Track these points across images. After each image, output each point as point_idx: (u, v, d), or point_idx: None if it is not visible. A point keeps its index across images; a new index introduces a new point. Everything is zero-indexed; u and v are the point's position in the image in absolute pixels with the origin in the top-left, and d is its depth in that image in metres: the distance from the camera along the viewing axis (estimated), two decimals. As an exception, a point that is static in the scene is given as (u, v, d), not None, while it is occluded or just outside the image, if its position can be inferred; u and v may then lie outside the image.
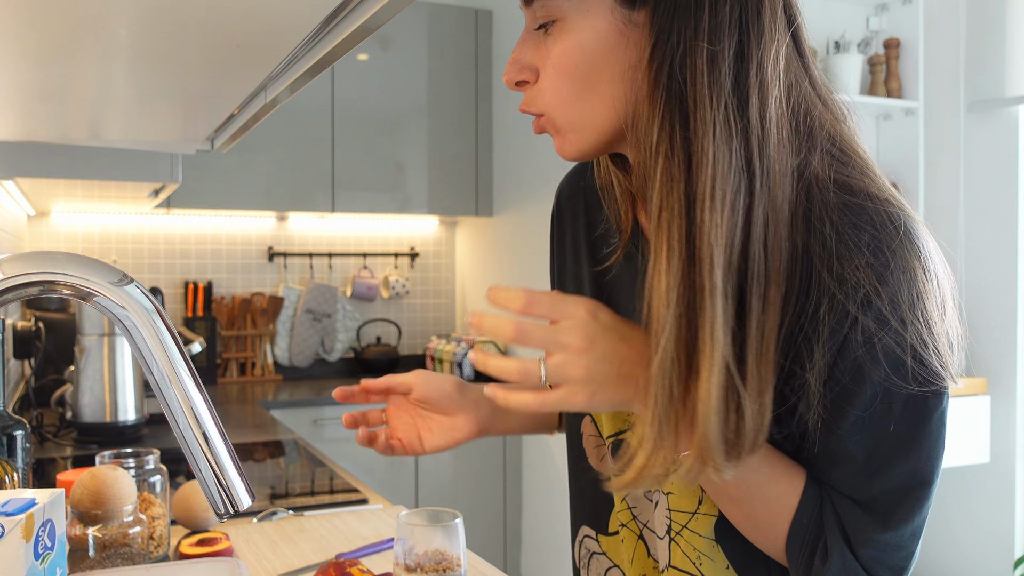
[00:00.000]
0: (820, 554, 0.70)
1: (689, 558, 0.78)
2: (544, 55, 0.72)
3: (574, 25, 0.70)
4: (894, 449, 0.70)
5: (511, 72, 0.74)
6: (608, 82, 0.71)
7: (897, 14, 3.28)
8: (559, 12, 0.70)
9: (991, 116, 3.03)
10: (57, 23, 0.62)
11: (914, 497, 0.70)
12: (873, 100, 3.16)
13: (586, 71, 0.71)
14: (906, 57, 3.23)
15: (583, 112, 0.72)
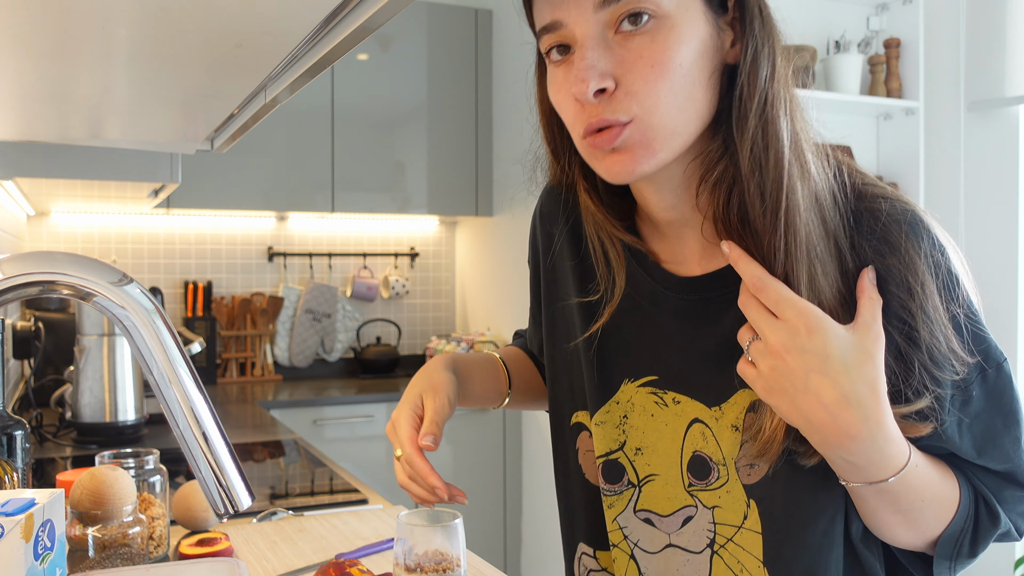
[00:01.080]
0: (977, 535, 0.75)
1: (732, 571, 0.79)
2: (629, 56, 0.68)
3: (676, 22, 0.67)
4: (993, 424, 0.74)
5: (591, 79, 0.67)
6: (702, 86, 0.69)
7: (897, 14, 3.28)
8: (657, 7, 0.67)
9: (991, 116, 3.03)
10: (57, 23, 0.62)
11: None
12: (873, 100, 3.16)
13: (687, 72, 0.68)
14: (906, 57, 3.23)
15: (681, 114, 0.69)
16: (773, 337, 0.67)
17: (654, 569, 0.83)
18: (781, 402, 0.68)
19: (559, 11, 0.69)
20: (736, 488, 0.78)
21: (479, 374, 0.98)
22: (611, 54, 0.68)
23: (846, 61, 3.15)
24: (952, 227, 3.16)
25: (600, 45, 0.68)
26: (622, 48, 0.68)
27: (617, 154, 0.70)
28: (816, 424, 0.67)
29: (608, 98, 0.68)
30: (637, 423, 0.84)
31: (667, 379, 0.82)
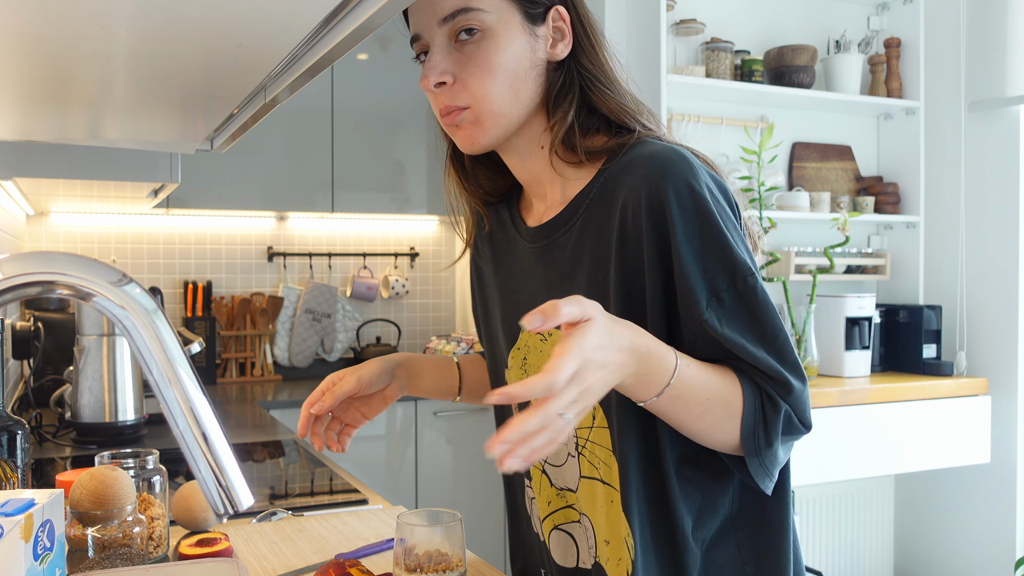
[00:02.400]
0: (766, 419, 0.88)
1: (593, 465, 0.97)
2: (464, 61, 0.92)
3: (496, 35, 0.92)
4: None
5: (435, 76, 0.92)
6: (522, 80, 0.94)
7: (898, 14, 3.28)
8: (482, 24, 0.91)
9: (991, 116, 3.03)
10: (57, 23, 0.61)
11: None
12: (874, 100, 3.16)
13: (506, 70, 0.92)
14: (907, 57, 3.23)
15: (504, 103, 0.93)
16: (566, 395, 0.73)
17: (561, 477, 1.02)
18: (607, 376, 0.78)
19: (417, 27, 0.95)
20: None
21: (430, 371, 1.20)
22: (451, 57, 0.93)
23: (846, 61, 3.15)
24: (952, 227, 3.16)
25: (443, 51, 0.93)
26: (459, 53, 0.93)
27: (460, 130, 0.95)
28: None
29: (449, 89, 0.93)
30: (533, 361, 1.04)
31: None
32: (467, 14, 0.91)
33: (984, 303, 3.06)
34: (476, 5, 0.91)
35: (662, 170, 0.88)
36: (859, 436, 2.65)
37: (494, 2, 0.92)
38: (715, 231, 0.88)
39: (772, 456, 0.88)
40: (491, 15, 0.92)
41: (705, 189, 0.89)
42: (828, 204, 3.14)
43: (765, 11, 3.19)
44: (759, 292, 0.88)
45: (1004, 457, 2.96)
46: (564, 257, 0.98)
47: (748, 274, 0.88)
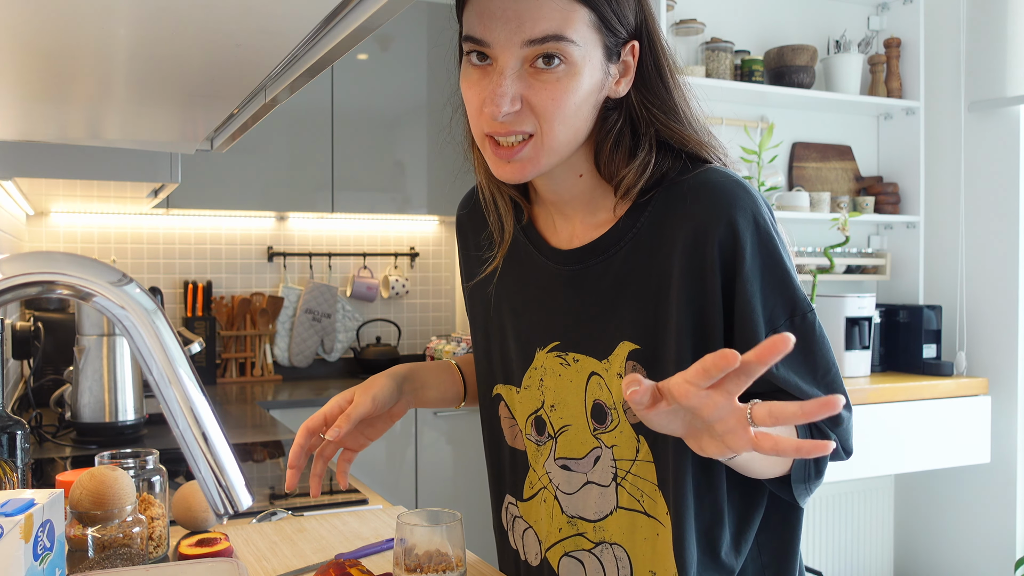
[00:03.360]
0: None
1: (634, 498, 0.95)
2: (538, 90, 0.85)
3: (578, 71, 0.85)
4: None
5: (503, 103, 0.84)
6: (586, 117, 0.89)
7: (898, 14, 3.28)
8: (568, 57, 0.84)
9: (991, 116, 3.03)
10: (57, 23, 0.61)
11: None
12: (874, 100, 3.16)
13: (577, 109, 0.87)
14: (907, 57, 3.23)
15: (567, 139, 0.88)
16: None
17: (574, 506, 1.00)
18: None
19: (490, 33, 0.84)
20: (626, 428, 0.94)
21: (434, 380, 1.16)
22: (523, 82, 0.85)
23: (846, 61, 3.14)
24: (952, 227, 3.16)
25: (516, 74, 0.85)
26: (533, 78, 0.85)
27: (510, 164, 0.89)
28: None
29: (515, 117, 0.86)
30: (550, 383, 1.01)
31: (566, 342, 0.99)
32: (558, 42, 0.83)
33: (984, 303, 3.06)
34: (570, 36, 0.84)
35: (731, 201, 0.87)
36: (859, 436, 2.65)
37: (585, 35, 0.85)
38: (780, 266, 0.87)
39: (819, 483, 0.92)
40: (579, 49, 0.85)
41: (770, 223, 0.88)
42: (828, 204, 3.14)
43: (765, 11, 3.19)
44: (816, 328, 0.88)
45: (1004, 457, 2.96)
46: (603, 284, 0.95)
47: (808, 310, 0.88)
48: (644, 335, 0.92)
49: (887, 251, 3.28)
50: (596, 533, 0.99)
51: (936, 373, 2.97)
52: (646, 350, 0.92)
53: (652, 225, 0.92)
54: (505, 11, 0.83)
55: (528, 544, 1.08)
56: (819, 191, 3.19)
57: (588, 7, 0.85)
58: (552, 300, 1.01)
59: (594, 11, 0.85)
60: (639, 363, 0.92)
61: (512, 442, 1.08)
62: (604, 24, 0.87)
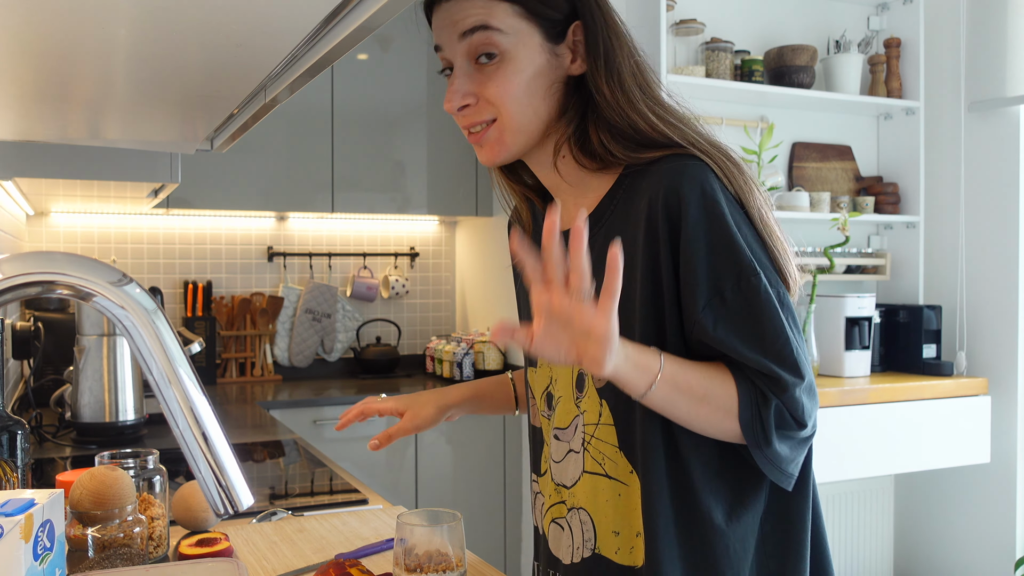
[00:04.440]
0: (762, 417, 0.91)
1: (596, 461, 1.01)
2: (484, 82, 0.96)
3: (515, 56, 0.95)
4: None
5: (457, 99, 0.97)
6: (541, 98, 0.97)
7: (898, 14, 3.28)
8: (501, 47, 0.95)
9: (991, 116, 3.03)
10: (57, 23, 0.61)
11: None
12: (873, 100, 3.16)
13: (526, 90, 0.96)
14: (907, 57, 3.23)
15: (524, 120, 0.97)
16: (556, 300, 0.82)
17: (560, 473, 1.06)
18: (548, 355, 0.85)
19: (440, 39, 1.00)
20: (592, 393, 1.01)
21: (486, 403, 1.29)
22: (472, 79, 0.97)
23: (846, 61, 3.14)
24: (952, 227, 3.16)
25: (464, 74, 0.97)
26: (479, 74, 0.96)
27: (483, 147, 1.00)
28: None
29: (472, 109, 0.98)
30: None
31: None
32: (485, 32, 0.94)
33: (984, 303, 3.06)
34: (494, 24, 0.94)
35: (681, 171, 0.92)
36: (859, 436, 2.65)
37: (512, 22, 0.94)
38: (725, 230, 0.90)
39: (774, 452, 0.91)
40: (509, 37, 0.94)
41: (717, 192, 0.91)
42: (828, 204, 3.14)
43: (765, 11, 3.19)
44: (762, 293, 0.89)
45: (1004, 457, 2.96)
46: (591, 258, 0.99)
47: (752, 273, 0.89)
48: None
49: (887, 251, 3.28)
50: (571, 499, 1.04)
51: (936, 373, 2.97)
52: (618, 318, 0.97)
53: (624, 203, 0.98)
54: (445, 18, 0.98)
55: (539, 515, 1.14)
56: (819, 191, 3.19)
57: (509, 1, 0.94)
58: None
59: (515, 2, 0.94)
60: None
61: (533, 420, 1.14)
62: (529, 10, 0.95)
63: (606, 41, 0.97)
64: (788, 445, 0.92)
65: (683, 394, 0.89)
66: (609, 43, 0.97)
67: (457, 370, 3.40)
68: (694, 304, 0.90)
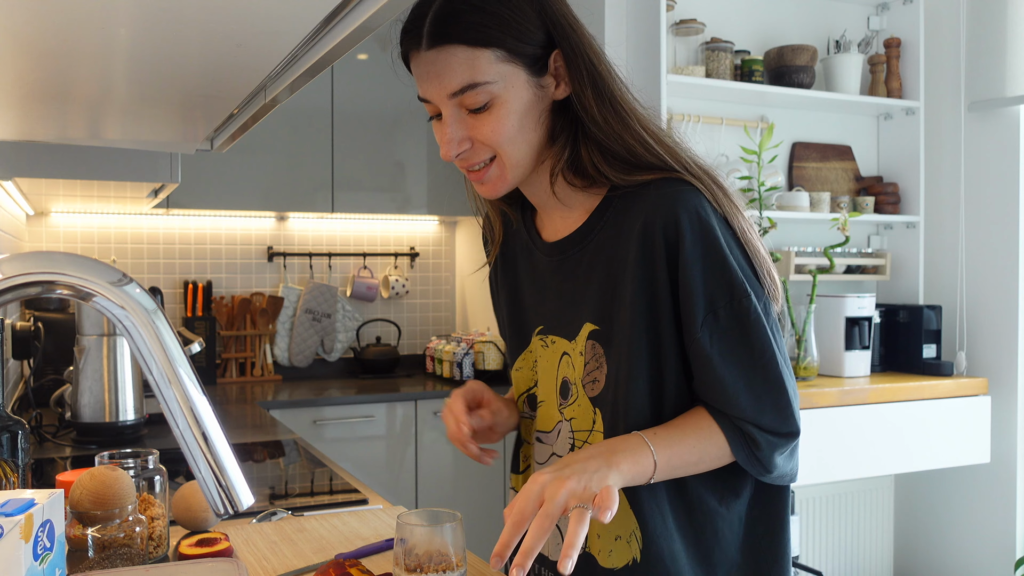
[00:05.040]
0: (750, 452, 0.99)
1: None
2: (477, 127, 0.97)
3: (505, 100, 0.96)
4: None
5: (453, 148, 0.98)
6: (532, 130, 0.99)
7: (898, 14, 3.28)
8: (492, 95, 0.96)
9: (991, 116, 3.03)
10: (57, 23, 0.61)
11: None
12: (873, 100, 3.16)
13: (519, 127, 0.98)
14: (907, 57, 3.23)
15: (521, 155, 1.00)
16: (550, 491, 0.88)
17: None
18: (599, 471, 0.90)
19: (426, 92, 0.99)
20: (584, 401, 1.04)
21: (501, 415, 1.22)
22: (465, 124, 0.98)
23: (846, 61, 3.14)
24: (952, 227, 3.16)
25: (457, 121, 0.98)
26: (472, 120, 0.97)
27: (483, 184, 1.02)
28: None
29: (468, 152, 0.99)
30: (539, 364, 1.12)
31: (548, 326, 1.10)
32: (475, 88, 0.95)
33: (984, 303, 3.06)
34: (481, 80, 0.95)
35: (676, 198, 0.96)
36: (859, 436, 2.65)
37: (497, 69, 0.95)
38: (718, 253, 0.95)
39: (776, 474, 1.00)
40: (498, 84, 0.96)
41: (710, 216, 0.97)
42: (828, 204, 3.14)
43: (765, 11, 3.19)
44: (751, 311, 0.95)
45: (1004, 457, 2.96)
46: (578, 271, 1.05)
47: (743, 295, 0.95)
48: (603, 317, 1.02)
49: (887, 251, 3.28)
50: None
51: (936, 373, 2.97)
52: (603, 329, 1.02)
53: (615, 220, 1.01)
54: (428, 73, 0.97)
55: None
56: (819, 191, 3.19)
57: (489, 47, 0.95)
58: (544, 287, 1.12)
59: (497, 47, 0.95)
60: (597, 341, 1.02)
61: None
62: (511, 52, 0.96)
63: (588, 64, 0.98)
64: (784, 458, 0.99)
65: (679, 469, 0.96)
66: (592, 66, 0.99)
67: (457, 370, 3.40)
68: (693, 322, 0.96)
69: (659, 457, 0.94)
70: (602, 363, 1.02)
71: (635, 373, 0.99)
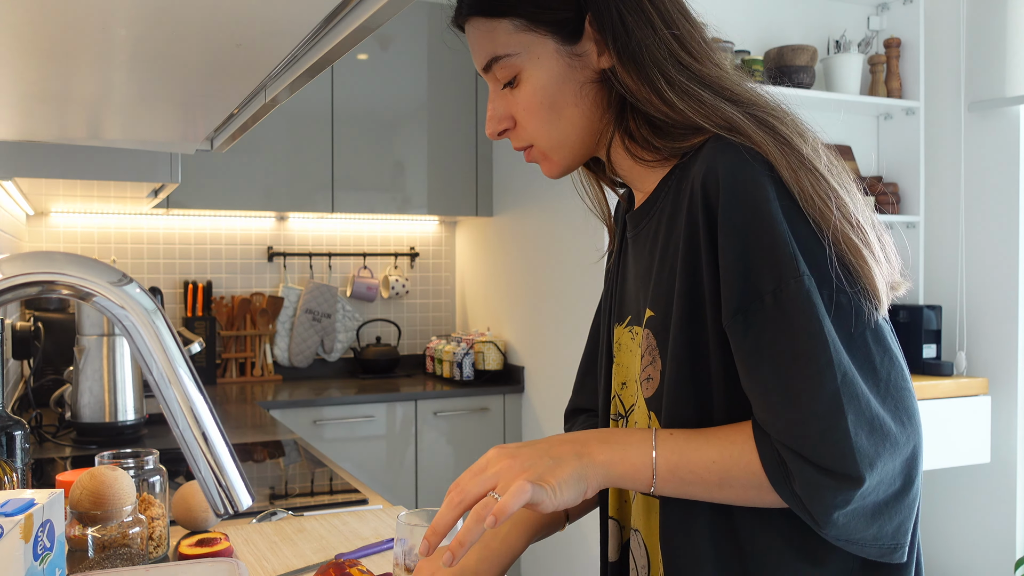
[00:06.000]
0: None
1: None
2: (514, 103, 0.91)
3: (531, 73, 0.89)
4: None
5: (492, 126, 0.93)
6: (571, 105, 0.90)
7: (898, 14, 3.28)
8: (517, 68, 0.89)
9: (991, 116, 3.03)
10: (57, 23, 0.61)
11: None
12: (873, 100, 3.16)
13: (551, 103, 0.89)
14: (907, 57, 3.23)
15: (559, 134, 0.91)
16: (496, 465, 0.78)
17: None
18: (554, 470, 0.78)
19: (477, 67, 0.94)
20: (640, 402, 0.91)
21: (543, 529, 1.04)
22: (503, 102, 0.92)
23: (846, 61, 3.14)
24: (952, 227, 3.16)
25: (499, 97, 0.92)
26: (509, 97, 0.91)
27: (541, 165, 0.95)
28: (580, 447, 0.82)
29: (512, 133, 0.93)
30: (623, 360, 0.97)
31: (634, 316, 0.95)
32: (498, 62, 0.89)
33: (984, 303, 3.06)
34: (501, 52, 0.89)
35: (718, 154, 0.80)
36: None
37: (519, 39, 0.88)
38: (764, 223, 0.76)
39: (852, 535, 0.75)
40: (520, 55, 0.88)
41: (765, 179, 0.77)
42: (828, 204, 3.13)
43: (765, 11, 3.19)
44: (799, 300, 0.74)
45: (1004, 457, 2.96)
46: (647, 247, 0.92)
47: (793, 276, 0.74)
48: (658, 301, 0.87)
49: (887, 251, 3.28)
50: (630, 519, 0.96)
51: (936, 373, 2.97)
52: (657, 316, 0.86)
53: (674, 192, 0.87)
54: (470, 47, 0.93)
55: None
56: (819, 191, 3.19)
57: (507, 17, 0.88)
58: (626, 267, 1.00)
59: (514, 16, 0.88)
60: (651, 331, 0.87)
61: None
62: (532, 20, 0.87)
63: (617, 27, 0.85)
64: (855, 514, 0.74)
65: (692, 485, 0.79)
66: (621, 28, 0.85)
67: (457, 370, 3.39)
68: (727, 310, 0.77)
69: (661, 458, 0.78)
70: (655, 357, 0.86)
71: (679, 374, 0.82)
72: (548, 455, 0.78)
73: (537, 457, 0.78)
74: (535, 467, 0.77)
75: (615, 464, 0.79)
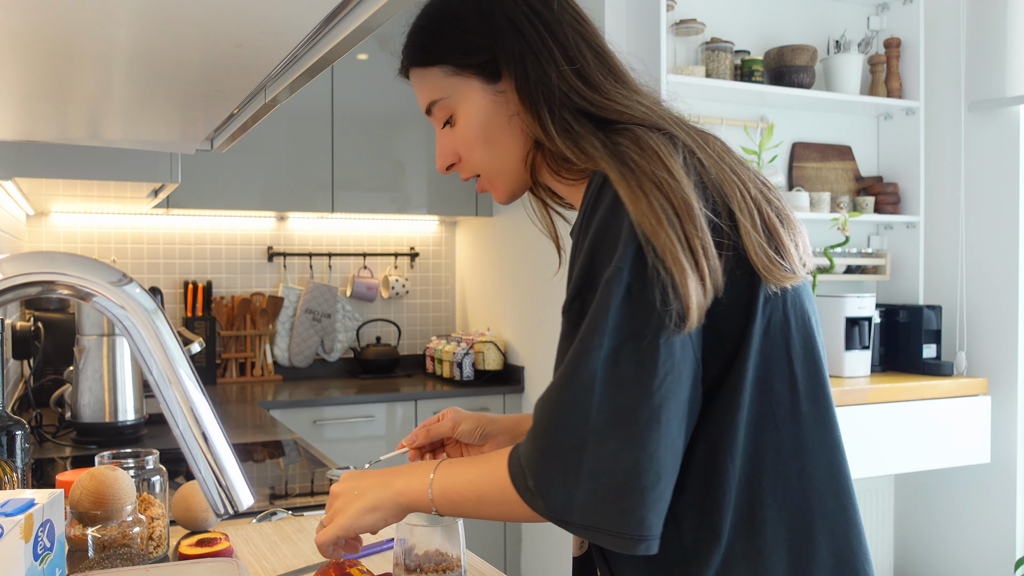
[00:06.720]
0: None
1: None
2: (455, 140, 0.99)
3: (464, 112, 0.97)
4: None
5: (440, 161, 1.01)
6: (503, 136, 0.97)
7: (898, 14, 3.28)
8: (451, 108, 0.98)
9: (991, 116, 3.03)
10: (57, 23, 0.61)
11: None
12: (873, 100, 3.16)
13: (485, 136, 0.97)
14: (907, 57, 3.23)
15: (498, 163, 0.99)
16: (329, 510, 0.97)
17: None
18: (353, 507, 0.95)
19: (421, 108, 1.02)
20: None
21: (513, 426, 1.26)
22: (448, 140, 1.00)
23: (846, 61, 3.14)
24: (952, 227, 3.16)
25: (443, 135, 1.01)
26: (451, 135, 0.99)
27: (490, 191, 1.02)
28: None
29: (459, 167, 1.02)
30: None
31: None
32: (436, 104, 0.98)
33: (984, 303, 3.06)
34: (436, 96, 0.98)
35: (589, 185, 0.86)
36: (859, 436, 2.65)
37: (449, 83, 0.96)
38: (596, 233, 0.83)
39: (553, 501, 0.79)
40: (452, 97, 0.97)
41: (608, 195, 0.83)
42: (828, 204, 3.14)
43: (765, 11, 3.19)
44: (614, 289, 0.78)
45: (1004, 457, 2.96)
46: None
47: (617, 269, 0.78)
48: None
49: (887, 251, 3.28)
50: None
51: (936, 373, 2.97)
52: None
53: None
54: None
55: None
56: (819, 191, 3.19)
57: (435, 65, 0.97)
58: None
59: (442, 64, 0.96)
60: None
61: None
62: (458, 65, 0.96)
63: (518, 67, 0.92)
64: (555, 476, 0.79)
65: (461, 506, 0.89)
66: (521, 69, 0.92)
67: (457, 370, 3.39)
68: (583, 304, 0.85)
69: (435, 483, 0.89)
70: None
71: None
72: (358, 488, 0.94)
73: (349, 491, 0.94)
74: (343, 501, 0.94)
75: (403, 492, 0.92)
